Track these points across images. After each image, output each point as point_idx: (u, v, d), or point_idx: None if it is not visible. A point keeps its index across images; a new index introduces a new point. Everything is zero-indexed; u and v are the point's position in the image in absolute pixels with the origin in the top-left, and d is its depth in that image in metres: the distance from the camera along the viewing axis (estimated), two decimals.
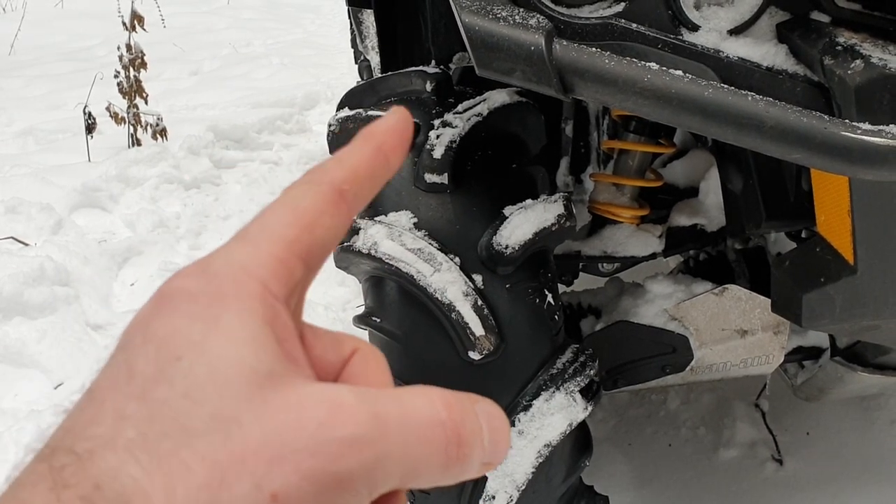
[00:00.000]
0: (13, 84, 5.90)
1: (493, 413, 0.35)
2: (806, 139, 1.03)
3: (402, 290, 1.41)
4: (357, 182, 0.37)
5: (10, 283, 2.83)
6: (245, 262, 0.33)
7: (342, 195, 0.36)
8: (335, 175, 0.37)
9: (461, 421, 0.33)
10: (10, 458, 2.20)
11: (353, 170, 0.37)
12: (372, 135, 0.38)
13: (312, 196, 0.36)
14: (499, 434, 0.35)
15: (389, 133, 0.39)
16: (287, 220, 0.35)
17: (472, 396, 0.34)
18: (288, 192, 0.36)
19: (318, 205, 0.36)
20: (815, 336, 1.74)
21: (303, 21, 8.22)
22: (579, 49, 1.09)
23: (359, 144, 0.38)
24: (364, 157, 0.38)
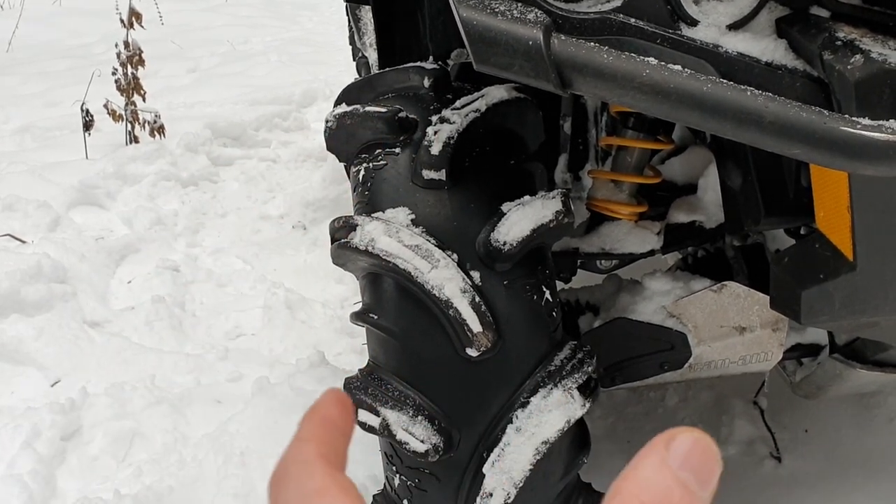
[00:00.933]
0: (10, 81, 5.89)
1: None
2: (805, 134, 1.02)
3: (400, 287, 1.40)
4: (326, 446, 0.39)
5: (7, 281, 2.83)
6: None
7: (323, 456, 0.39)
8: (309, 448, 0.39)
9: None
10: (7, 455, 2.20)
11: (315, 439, 0.39)
12: (315, 411, 0.41)
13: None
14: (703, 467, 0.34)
15: (331, 407, 0.42)
16: None
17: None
18: None
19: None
20: (814, 333, 1.74)
21: (301, 18, 8.20)
22: (577, 44, 1.09)
23: (307, 421, 0.41)
24: (316, 428, 0.40)
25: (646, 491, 0.33)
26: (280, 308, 2.92)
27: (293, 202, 3.82)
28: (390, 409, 1.40)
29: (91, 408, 2.37)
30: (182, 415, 2.39)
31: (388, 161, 1.51)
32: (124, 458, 2.27)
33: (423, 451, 1.37)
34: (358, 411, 1.46)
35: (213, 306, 3.08)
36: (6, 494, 2.06)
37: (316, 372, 2.38)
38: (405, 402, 1.40)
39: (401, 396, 1.41)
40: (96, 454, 2.25)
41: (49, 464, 2.19)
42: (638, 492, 0.33)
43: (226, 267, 3.37)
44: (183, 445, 2.27)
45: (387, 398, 1.41)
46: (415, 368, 1.42)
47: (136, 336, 2.81)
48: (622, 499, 0.33)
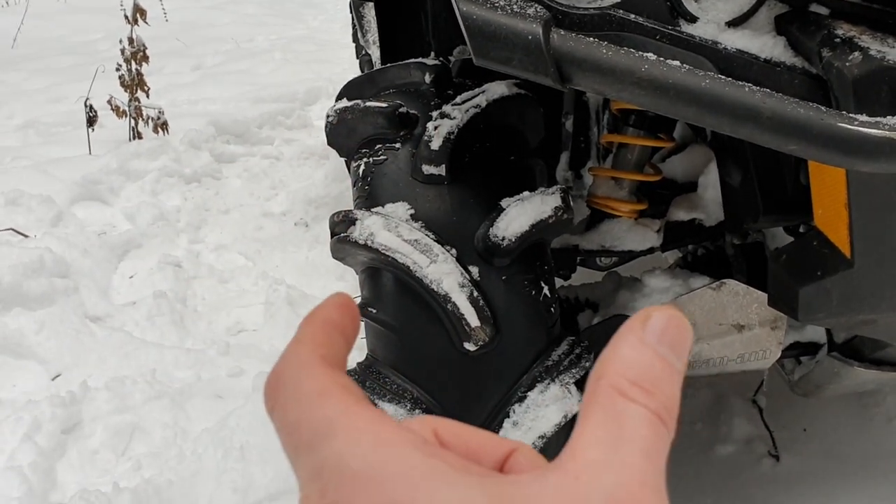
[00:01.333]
0: (15, 77, 5.90)
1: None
2: (802, 130, 1.02)
3: (399, 281, 1.40)
4: (325, 349, 0.38)
5: (10, 275, 2.84)
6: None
7: (323, 358, 0.37)
8: (307, 350, 0.37)
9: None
10: (8, 447, 2.21)
11: (314, 342, 0.38)
12: (315, 313, 0.40)
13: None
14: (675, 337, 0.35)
15: (332, 310, 0.40)
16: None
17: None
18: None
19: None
20: (813, 331, 1.74)
21: (305, 17, 8.22)
22: (577, 39, 1.09)
23: (306, 324, 0.39)
24: (316, 331, 0.39)
25: (629, 368, 0.34)
26: (281, 304, 2.93)
27: (295, 199, 3.83)
28: (388, 403, 1.41)
29: (91, 401, 2.38)
30: (182, 409, 2.39)
31: (388, 156, 1.52)
32: (124, 451, 2.27)
33: None
34: None
35: (214, 302, 3.08)
36: (6, 486, 2.07)
37: None
38: (403, 395, 1.41)
39: (398, 390, 1.41)
40: (96, 447, 2.26)
41: (49, 456, 2.20)
42: (623, 370, 0.34)
43: (228, 263, 3.37)
44: (183, 440, 2.28)
45: (384, 391, 1.42)
46: (413, 362, 1.42)
47: (138, 331, 2.82)
48: (609, 380, 0.34)
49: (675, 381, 0.34)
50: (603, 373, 0.34)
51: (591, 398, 0.34)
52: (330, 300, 0.40)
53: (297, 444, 0.35)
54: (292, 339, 0.38)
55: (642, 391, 0.33)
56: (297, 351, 0.37)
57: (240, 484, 2.05)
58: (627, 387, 0.33)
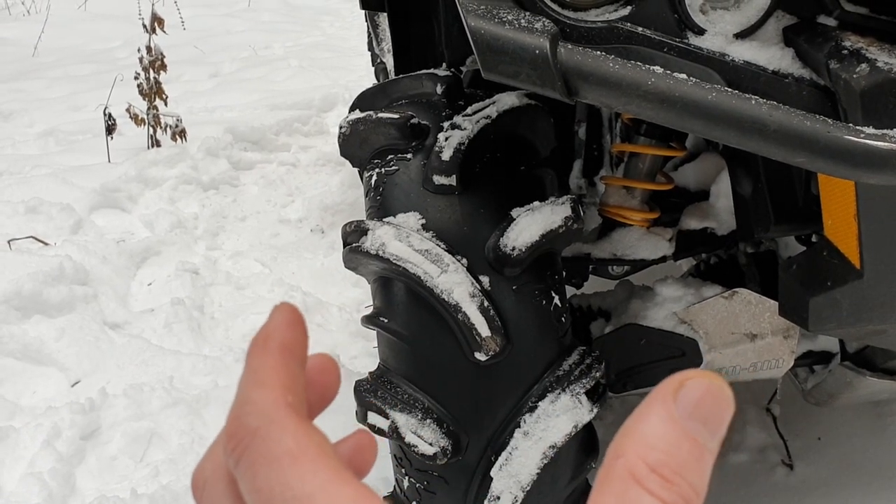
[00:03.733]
0: (35, 85, 5.97)
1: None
2: (809, 143, 1.03)
3: (410, 291, 1.42)
4: (291, 391, 0.34)
5: (30, 282, 2.87)
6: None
7: (292, 408, 0.34)
8: (273, 397, 0.34)
9: None
10: (28, 454, 2.24)
11: (280, 386, 0.34)
12: (267, 341, 0.36)
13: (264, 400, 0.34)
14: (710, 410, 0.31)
15: (285, 331, 0.36)
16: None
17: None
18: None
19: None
20: (825, 340, 1.74)
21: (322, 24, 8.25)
22: (584, 52, 1.10)
23: (261, 357, 0.36)
24: (277, 370, 0.35)
25: (651, 450, 0.30)
26: None
27: (312, 206, 3.86)
28: (399, 412, 1.42)
29: (110, 408, 2.41)
30: (199, 416, 2.42)
31: (399, 166, 1.53)
32: (142, 457, 2.30)
33: (432, 453, 1.39)
34: (368, 414, 1.48)
35: (231, 309, 3.11)
36: (27, 492, 2.10)
37: None
38: (414, 405, 1.42)
39: (410, 399, 1.43)
40: (115, 454, 2.29)
41: (68, 463, 2.23)
42: (643, 452, 0.30)
43: (244, 270, 3.40)
44: (200, 446, 2.30)
45: (396, 401, 1.43)
46: (424, 372, 1.44)
47: (156, 338, 2.84)
48: (626, 461, 0.30)
49: (703, 465, 0.30)
50: (622, 451, 0.30)
51: (604, 478, 0.30)
52: (277, 318, 0.37)
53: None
54: (250, 379, 0.34)
55: (661, 480, 0.29)
56: (264, 398, 0.33)
57: None
58: (645, 474, 0.29)
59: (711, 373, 0.32)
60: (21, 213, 3.52)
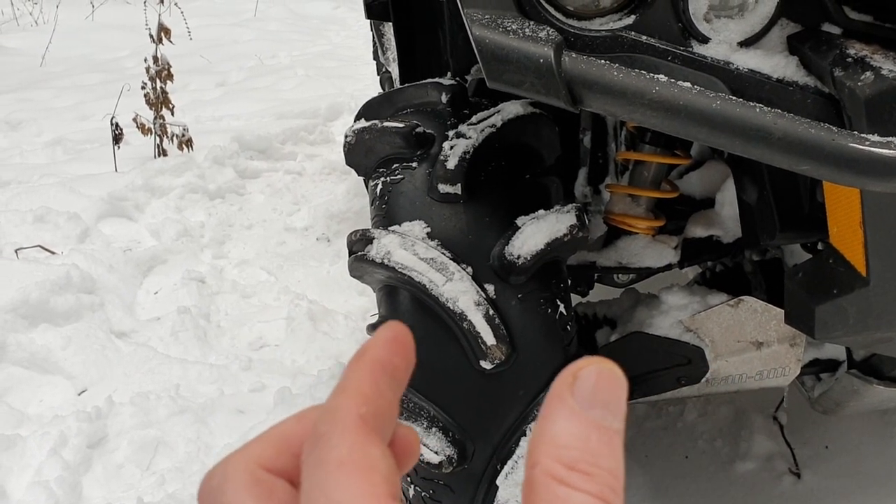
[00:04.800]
0: (43, 95, 6.00)
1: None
2: (814, 150, 1.03)
3: (415, 300, 1.42)
4: (369, 403, 0.34)
5: (37, 291, 2.88)
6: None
7: (362, 419, 0.34)
8: (347, 405, 0.34)
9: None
10: (35, 462, 2.24)
11: (358, 395, 0.34)
12: (364, 353, 0.36)
13: (339, 436, 0.33)
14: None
15: (383, 348, 0.36)
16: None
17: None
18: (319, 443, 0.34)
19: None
20: (832, 349, 1.73)
21: (328, 33, 8.28)
22: (588, 61, 1.10)
23: (353, 367, 0.36)
24: (362, 380, 0.35)
25: (564, 449, 0.31)
26: (303, 319, 2.96)
27: (318, 214, 3.86)
28: (405, 420, 1.42)
29: (117, 416, 2.42)
30: (205, 424, 2.42)
31: (405, 175, 1.54)
32: (148, 466, 2.30)
33: (437, 462, 1.39)
34: None
35: (237, 317, 3.12)
36: (33, 501, 2.10)
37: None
38: (420, 413, 1.42)
39: (415, 408, 1.43)
40: (121, 462, 2.29)
41: (75, 471, 2.24)
42: (557, 453, 0.31)
43: (250, 278, 3.41)
44: (206, 454, 2.30)
45: (401, 409, 1.43)
46: (429, 380, 1.44)
47: (162, 346, 2.85)
48: (544, 467, 0.31)
49: (615, 448, 0.31)
50: (537, 458, 0.31)
51: (529, 490, 0.31)
52: (383, 334, 0.36)
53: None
54: (337, 388, 0.35)
55: (582, 475, 0.30)
56: (339, 406, 0.34)
57: None
58: (565, 474, 0.30)
59: (597, 357, 0.33)
60: (29, 221, 3.53)
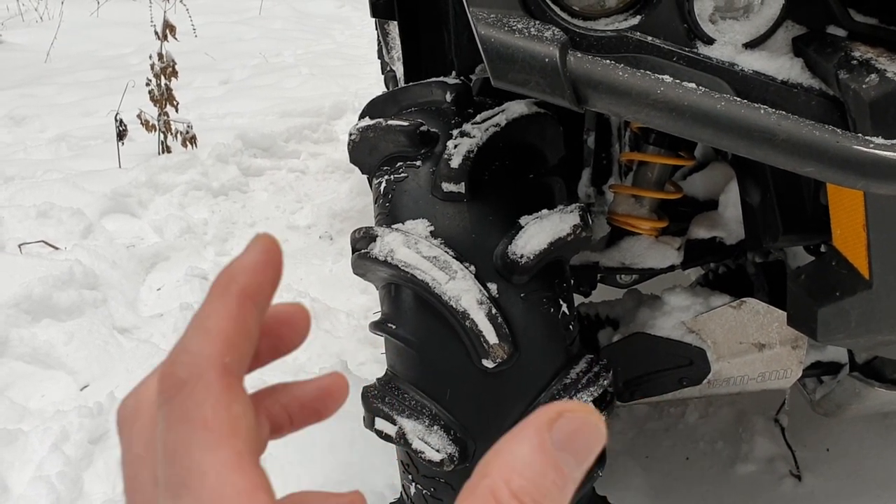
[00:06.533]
0: (47, 91, 6.01)
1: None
2: (818, 152, 1.03)
3: (418, 298, 1.42)
4: (234, 350, 0.33)
5: (40, 286, 2.89)
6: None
7: (225, 369, 0.33)
8: (210, 353, 0.33)
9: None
10: (36, 457, 2.25)
11: (223, 341, 0.33)
12: (231, 283, 0.34)
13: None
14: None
15: (252, 274, 0.35)
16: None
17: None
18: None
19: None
20: (834, 351, 1.73)
21: (332, 32, 8.29)
22: (593, 61, 1.10)
23: (219, 299, 0.34)
24: (228, 320, 0.33)
25: (518, 475, 0.30)
26: None
27: (321, 213, 3.87)
28: (407, 419, 1.42)
29: None
30: None
31: (408, 174, 1.54)
32: None
33: (439, 460, 1.39)
34: (375, 419, 1.48)
35: None
36: (35, 495, 2.11)
37: None
38: (421, 411, 1.42)
39: (417, 406, 1.43)
40: None
41: (77, 466, 2.24)
42: (509, 475, 0.30)
43: None
44: None
45: (403, 407, 1.43)
46: (431, 378, 1.44)
47: (164, 342, 2.85)
48: (491, 482, 0.30)
49: (565, 494, 0.31)
50: (489, 470, 0.31)
51: (468, 494, 0.31)
52: (249, 257, 0.35)
53: (157, 466, 0.31)
54: (198, 323, 0.33)
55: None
56: (202, 351, 0.32)
57: None
58: (506, 498, 0.30)
59: (589, 407, 0.32)
60: (32, 217, 3.54)
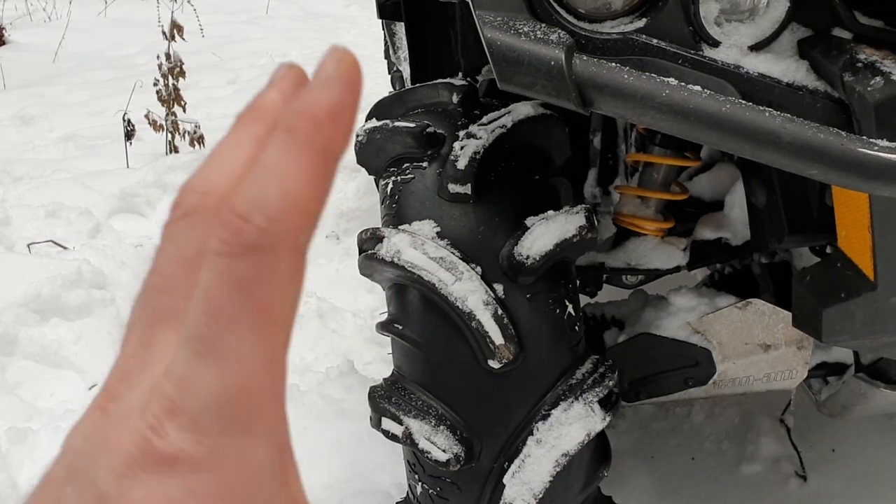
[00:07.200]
0: (56, 91, 6.04)
1: None
2: (823, 155, 1.04)
3: (424, 299, 1.43)
4: (311, 225, 0.29)
5: (49, 286, 2.90)
6: None
7: (298, 250, 0.28)
8: (289, 224, 0.28)
9: None
10: (45, 455, 2.26)
11: (303, 212, 0.28)
12: (313, 133, 0.28)
13: None
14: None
15: (336, 121, 0.29)
16: None
17: None
18: None
19: None
20: (840, 352, 1.74)
21: (339, 31, 8.30)
22: (599, 64, 1.11)
23: (302, 154, 0.28)
24: (312, 186, 0.28)
25: None
26: (311, 317, 2.97)
27: (327, 212, 3.85)
28: (413, 419, 1.43)
29: None
30: None
31: (415, 175, 1.55)
32: None
33: (445, 460, 1.40)
34: (382, 419, 1.49)
35: None
36: None
37: (345, 380, 2.42)
38: (428, 411, 1.43)
39: (424, 406, 1.44)
40: None
41: None
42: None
43: None
44: None
45: (410, 407, 1.44)
46: (437, 379, 1.45)
47: None
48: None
49: None
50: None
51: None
52: (338, 78, 0.28)
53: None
54: (280, 174, 0.27)
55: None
56: (282, 218, 0.27)
57: None
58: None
59: None
60: (41, 217, 3.56)
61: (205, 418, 0.27)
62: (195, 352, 0.27)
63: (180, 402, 0.27)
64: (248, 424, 0.27)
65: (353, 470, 2.08)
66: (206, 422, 0.27)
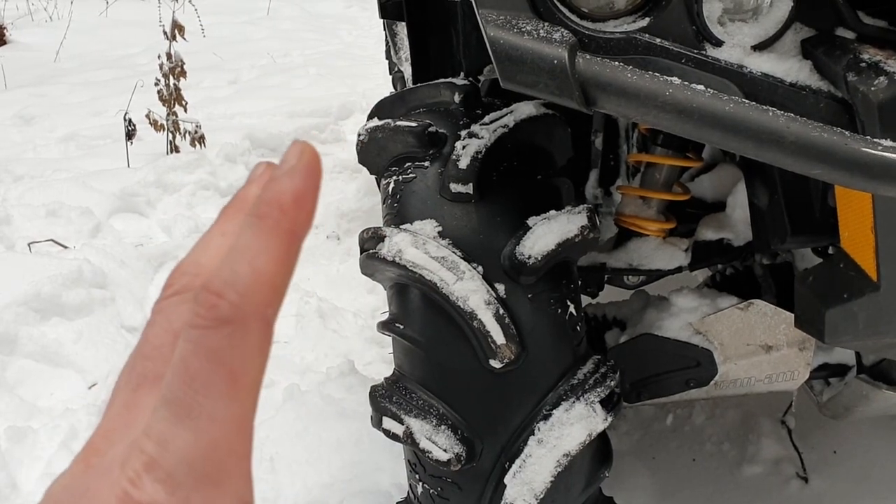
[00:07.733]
0: (57, 90, 6.04)
1: None
2: (826, 155, 1.03)
3: (426, 298, 1.43)
4: (277, 300, 0.32)
5: (49, 285, 2.90)
6: None
7: (266, 322, 0.32)
8: (258, 299, 0.31)
9: None
10: (45, 455, 2.26)
11: (271, 288, 0.32)
12: (279, 219, 0.32)
13: None
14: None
15: (298, 206, 0.32)
16: None
17: None
18: None
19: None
20: (842, 353, 1.73)
21: (340, 32, 8.30)
22: (602, 63, 1.11)
23: (268, 238, 0.32)
24: (278, 265, 0.32)
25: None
26: (312, 317, 2.97)
27: (328, 213, 3.87)
28: (414, 418, 1.43)
29: None
30: None
31: (417, 174, 1.54)
32: None
33: (446, 459, 1.39)
34: (383, 419, 1.49)
35: None
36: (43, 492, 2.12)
37: (345, 380, 2.42)
38: (429, 411, 1.43)
39: (425, 405, 1.43)
40: None
41: None
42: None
43: None
44: None
45: (411, 407, 1.44)
46: (439, 378, 1.44)
47: None
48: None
49: None
50: None
51: None
52: (299, 170, 0.33)
53: None
54: (250, 254, 0.31)
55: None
56: (251, 293, 0.31)
57: (269, 495, 2.08)
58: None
59: None
60: (41, 216, 3.56)
61: (179, 473, 0.30)
62: (173, 413, 0.30)
63: (158, 458, 0.30)
64: (218, 479, 0.31)
65: (353, 470, 2.07)
66: (180, 476, 0.30)
